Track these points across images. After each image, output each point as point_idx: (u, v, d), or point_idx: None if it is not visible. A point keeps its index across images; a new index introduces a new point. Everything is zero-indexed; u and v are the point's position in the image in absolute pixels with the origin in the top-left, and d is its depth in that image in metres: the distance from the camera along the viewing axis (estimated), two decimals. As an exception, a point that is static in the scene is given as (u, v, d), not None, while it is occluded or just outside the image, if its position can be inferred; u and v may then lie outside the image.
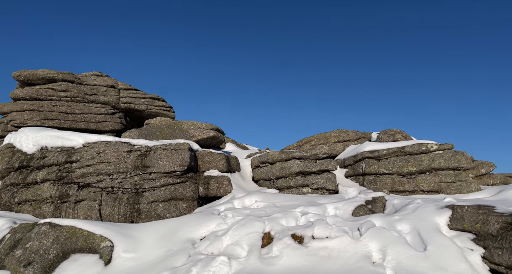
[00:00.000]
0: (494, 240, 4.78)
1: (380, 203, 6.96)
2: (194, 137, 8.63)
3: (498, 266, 4.66)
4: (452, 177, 8.20)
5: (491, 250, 4.75)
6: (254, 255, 5.07)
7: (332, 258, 4.96)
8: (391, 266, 4.71)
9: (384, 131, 10.29)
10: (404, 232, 5.49)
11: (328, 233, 5.41)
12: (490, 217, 4.98)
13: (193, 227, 5.92)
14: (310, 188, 8.08)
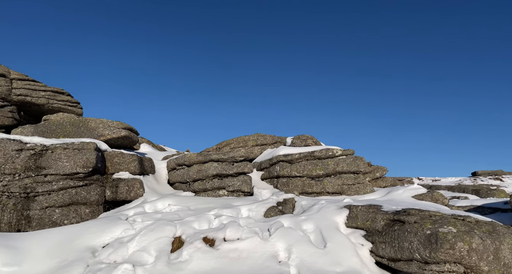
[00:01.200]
0: (379, 235, 5.47)
1: (290, 204, 7.39)
2: (103, 136, 7.93)
3: (382, 259, 5.35)
4: (352, 180, 9.17)
5: (377, 245, 5.43)
6: (162, 261, 4.86)
7: (242, 259, 5.06)
8: (295, 264, 5.01)
9: (297, 136, 11.01)
10: (309, 231, 5.92)
11: (239, 234, 5.51)
12: (377, 215, 5.70)
13: (95, 234, 5.41)
14: (227, 191, 8.14)
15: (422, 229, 4.90)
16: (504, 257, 4.57)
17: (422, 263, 4.79)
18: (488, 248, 4.53)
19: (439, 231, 4.69)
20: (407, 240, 4.98)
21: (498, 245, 4.60)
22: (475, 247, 4.49)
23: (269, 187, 9.44)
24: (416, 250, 4.83)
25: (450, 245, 4.50)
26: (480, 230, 4.75)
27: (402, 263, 5.04)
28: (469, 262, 4.46)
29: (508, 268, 4.53)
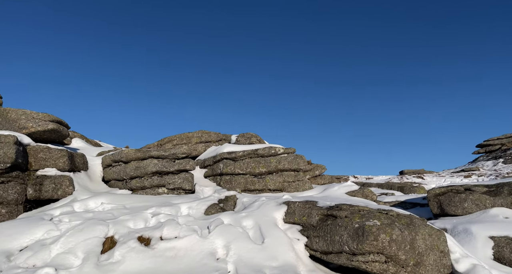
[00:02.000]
0: (314, 230, 5.75)
1: (232, 201, 7.41)
2: (26, 128, 7.12)
3: (315, 252, 5.62)
4: (293, 177, 9.50)
5: (312, 239, 5.69)
6: (90, 263, 4.54)
7: (178, 258, 4.94)
8: (233, 260, 5.04)
9: (242, 134, 11.08)
10: (248, 228, 5.99)
11: (177, 233, 5.37)
12: (313, 210, 5.98)
13: (11, 236, 4.85)
14: (167, 188, 7.88)
15: (351, 223, 5.26)
16: (419, 247, 5.09)
17: (350, 254, 5.14)
18: (406, 239, 5.01)
19: (366, 224, 5.07)
20: (338, 233, 5.30)
21: (414, 235, 5.12)
22: (395, 238, 4.94)
23: (212, 185, 9.36)
24: (346, 243, 5.16)
25: (374, 236, 4.90)
26: (400, 223, 5.24)
27: (333, 256, 5.36)
28: (389, 252, 4.90)
29: (421, 256, 5.07)
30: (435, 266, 5.08)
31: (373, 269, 4.96)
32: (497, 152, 32.34)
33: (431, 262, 5.08)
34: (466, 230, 6.92)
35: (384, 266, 4.94)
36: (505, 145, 32.18)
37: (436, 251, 5.19)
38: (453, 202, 8.19)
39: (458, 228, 7.14)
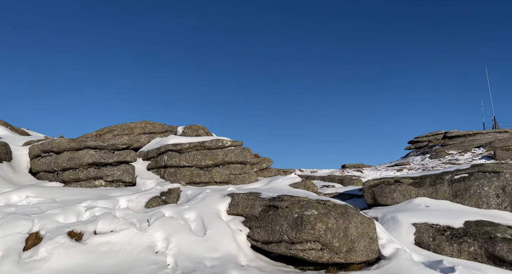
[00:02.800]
0: (256, 220, 5.86)
1: (175, 194, 7.23)
2: None
3: (257, 242, 5.74)
4: (239, 170, 9.57)
5: (254, 229, 5.80)
6: (9, 261, 4.11)
7: (113, 253, 4.70)
8: (173, 253, 4.94)
9: (189, 126, 10.84)
10: (191, 220, 5.90)
11: (113, 226, 5.10)
12: (256, 201, 6.08)
13: None
14: (104, 181, 7.42)
15: (291, 213, 5.45)
16: (351, 234, 5.46)
17: (289, 243, 5.34)
18: (340, 227, 5.34)
19: (304, 214, 5.29)
20: (279, 223, 5.46)
21: (348, 224, 5.47)
22: (330, 226, 5.23)
23: (155, 177, 9.04)
24: (285, 232, 5.35)
25: (311, 225, 5.14)
26: (335, 212, 5.56)
27: (273, 245, 5.52)
28: (325, 240, 5.18)
29: (353, 243, 5.44)
30: (364, 252, 5.49)
31: (309, 256, 5.21)
32: (425, 148, 35.90)
33: (362, 247, 5.48)
34: (394, 218, 7.58)
35: (320, 253, 5.22)
36: (431, 141, 35.83)
37: (366, 238, 5.60)
38: (384, 193, 8.91)
39: (387, 216, 7.80)
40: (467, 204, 7.78)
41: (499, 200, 7.45)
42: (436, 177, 8.67)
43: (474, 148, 31.80)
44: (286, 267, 5.61)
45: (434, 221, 7.14)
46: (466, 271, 5.02)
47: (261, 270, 4.82)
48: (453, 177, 8.35)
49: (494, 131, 32.54)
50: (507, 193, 7.39)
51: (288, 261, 5.85)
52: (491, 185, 7.61)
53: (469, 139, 32.68)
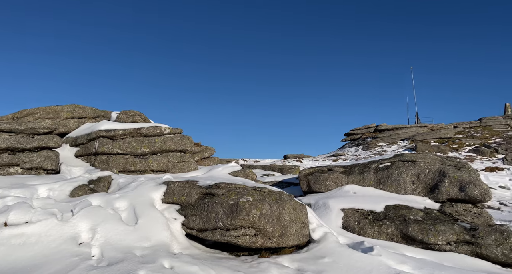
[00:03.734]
0: (192, 208, 5.79)
1: (105, 182, 6.80)
2: None
3: (192, 230, 5.68)
4: (178, 158, 9.32)
5: (189, 217, 5.72)
6: None
7: (28, 245, 4.27)
8: (99, 243, 4.65)
9: (124, 111, 10.21)
10: (121, 209, 5.61)
11: (28, 217, 4.62)
12: (192, 189, 5.99)
13: None
14: (21, 168, 6.67)
15: (227, 200, 5.48)
16: (284, 219, 5.68)
17: (224, 230, 5.38)
18: (274, 213, 5.52)
19: (240, 201, 5.36)
20: (215, 210, 5.46)
21: (281, 210, 5.68)
22: (264, 212, 5.38)
23: (84, 165, 8.39)
24: (221, 219, 5.37)
25: (246, 212, 5.23)
26: (270, 199, 5.73)
27: (208, 232, 5.51)
28: (259, 225, 5.32)
29: (286, 228, 5.67)
30: (296, 236, 5.76)
31: (243, 242, 5.31)
32: (358, 140, 38.76)
33: (294, 232, 5.74)
34: (325, 204, 8.08)
35: (253, 238, 5.35)
36: (364, 134, 38.79)
37: (298, 223, 5.88)
38: (318, 180, 9.43)
39: (319, 202, 8.28)
40: (388, 190, 8.59)
41: (414, 186, 8.35)
42: (364, 166, 9.41)
43: (400, 140, 35.22)
44: (221, 253, 5.66)
45: (359, 206, 7.76)
46: (383, 250, 5.55)
47: (194, 257, 4.79)
48: (378, 166, 9.13)
49: (416, 126, 36.37)
50: (421, 180, 8.32)
51: (223, 247, 5.91)
52: (408, 173, 8.49)
53: (396, 132, 36.08)
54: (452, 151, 29.43)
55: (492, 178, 19.69)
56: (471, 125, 35.07)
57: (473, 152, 27.63)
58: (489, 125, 33.90)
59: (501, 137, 30.14)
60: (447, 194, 7.78)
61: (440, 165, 8.37)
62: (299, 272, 4.75)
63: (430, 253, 6.32)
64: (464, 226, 6.58)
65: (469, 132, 33.51)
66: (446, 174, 7.97)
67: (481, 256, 6.11)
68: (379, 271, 4.87)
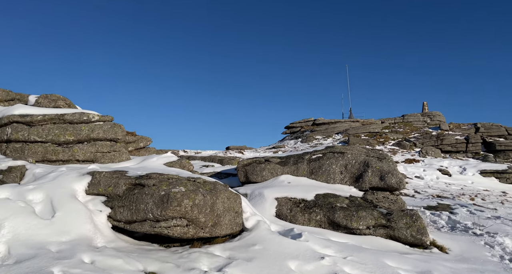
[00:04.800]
0: (120, 200, 5.47)
1: (18, 173, 6.07)
2: None
3: (119, 222, 5.38)
4: (108, 147, 8.71)
5: (116, 209, 5.40)
6: None
7: None
8: (6, 240, 4.15)
9: (45, 95, 9.18)
10: (36, 201, 5.07)
11: None
12: (120, 180, 5.65)
13: None
14: None
15: (158, 191, 5.28)
16: (218, 209, 5.67)
17: (154, 221, 5.18)
18: (207, 203, 5.47)
19: (171, 191, 5.20)
20: (144, 202, 5.23)
21: (215, 199, 5.66)
22: (197, 203, 5.30)
23: (-7, 154, 7.38)
24: (150, 211, 5.16)
25: (177, 202, 5.09)
26: (204, 189, 5.66)
27: (137, 224, 5.27)
28: (191, 216, 5.23)
29: (219, 217, 5.67)
30: (229, 225, 5.80)
31: (174, 233, 5.18)
32: (297, 133, 40.40)
33: (227, 222, 5.76)
34: (260, 194, 8.27)
35: (185, 229, 5.25)
36: (303, 127, 40.53)
37: (232, 212, 5.93)
38: (256, 171, 9.61)
39: (255, 192, 8.45)
40: (320, 180, 9.11)
41: (342, 176, 8.97)
42: (298, 157, 9.82)
43: (335, 134, 37.58)
44: (150, 245, 5.46)
45: (292, 195, 8.10)
46: (310, 236, 5.88)
47: (119, 250, 4.54)
48: (311, 157, 9.61)
49: (350, 121, 39.11)
50: (348, 170, 8.96)
51: (153, 239, 5.71)
52: (337, 163, 9.08)
53: (332, 126, 38.39)
54: (379, 144, 32.33)
55: (410, 169, 22.12)
56: (395, 121, 38.83)
57: (396, 145, 30.71)
58: (410, 122, 37.90)
59: (419, 132, 33.93)
60: (369, 183, 8.51)
61: (365, 156, 9.10)
62: (230, 260, 4.79)
63: (352, 237, 6.87)
64: (382, 211, 7.27)
65: (393, 127, 37.06)
66: (369, 164, 8.69)
67: (394, 238, 6.82)
68: (305, 255, 5.14)
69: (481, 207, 11.60)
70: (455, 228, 8.31)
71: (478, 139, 28.81)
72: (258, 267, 4.63)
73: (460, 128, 34.04)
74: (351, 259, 5.26)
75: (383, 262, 5.29)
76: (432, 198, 13.73)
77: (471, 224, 8.42)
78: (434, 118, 37.78)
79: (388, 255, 5.69)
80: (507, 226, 8.31)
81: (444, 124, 35.07)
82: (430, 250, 6.44)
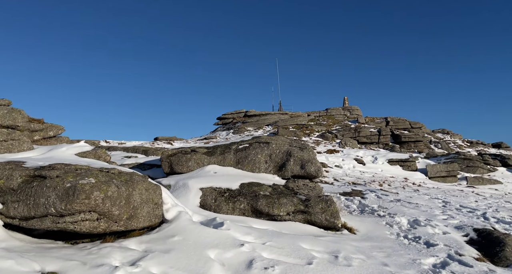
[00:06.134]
0: (14, 194, 4.77)
1: None
2: None
3: (13, 220, 4.71)
4: (5, 135, 7.55)
5: (9, 204, 4.70)
6: None
7: None
8: None
9: None
10: None
11: None
12: (15, 172, 4.93)
13: None
14: None
15: (62, 183, 4.74)
16: (134, 201, 5.34)
17: (57, 216, 4.65)
18: (122, 195, 5.10)
19: (79, 183, 4.71)
20: (45, 195, 4.64)
21: (131, 191, 5.31)
22: (110, 195, 4.90)
23: None
24: (53, 205, 4.61)
25: (86, 195, 4.64)
26: (119, 180, 5.26)
27: (36, 221, 4.67)
28: (102, 209, 4.82)
29: (136, 210, 5.35)
30: (147, 217, 5.52)
31: (82, 228, 4.73)
32: (230, 124, 40.53)
33: (145, 214, 5.47)
34: (185, 184, 8.06)
35: (95, 223, 4.83)
36: (235, 119, 40.80)
37: (151, 204, 5.64)
38: (181, 161, 9.32)
39: (179, 183, 8.21)
40: (245, 169, 9.24)
41: (267, 165, 9.24)
42: (226, 147, 9.81)
43: (265, 126, 38.66)
44: (53, 243, 4.91)
45: (218, 185, 8.07)
46: (232, 224, 5.93)
47: (11, 250, 3.97)
48: (238, 147, 9.68)
49: (279, 113, 40.60)
50: (272, 159, 9.26)
51: (58, 237, 5.14)
52: (263, 153, 9.31)
53: (263, 118, 39.39)
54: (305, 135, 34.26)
55: (331, 159, 23.92)
56: (320, 114, 41.55)
57: (320, 137, 32.90)
58: (333, 115, 40.92)
59: (340, 125, 36.88)
60: (291, 171, 8.92)
61: (288, 146, 9.50)
62: (146, 253, 4.56)
63: (274, 223, 7.13)
64: (301, 198, 7.69)
65: (318, 120, 39.59)
66: (292, 154, 9.10)
67: (311, 223, 7.28)
68: (225, 244, 5.16)
69: (386, 191, 13.11)
70: (364, 211, 9.23)
71: (388, 131, 32.47)
72: (175, 258, 4.50)
73: (374, 122, 37.92)
74: (270, 244, 5.45)
75: (299, 245, 5.59)
76: (348, 185, 15.07)
77: (377, 207, 9.45)
78: (353, 112, 41.37)
79: (304, 238, 6.04)
80: (404, 207, 9.53)
81: (361, 118, 38.67)
82: (341, 232, 7.03)
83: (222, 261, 4.77)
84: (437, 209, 9.75)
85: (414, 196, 12.44)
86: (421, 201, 11.21)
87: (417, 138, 31.61)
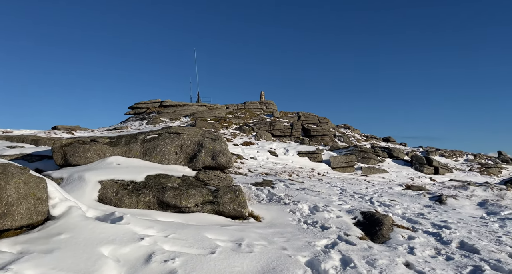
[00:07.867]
0: None
1: None
2: None
3: None
4: None
5: None
6: None
7: None
8: None
9: None
10: None
11: None
12: None
13: None
14: None
15: None
16: (9, 196, 4.57)
17: None
18: (-10, 189, 4.31)
19: None
20: None
21: (4, 185, 4.53)
22: (-28, 190, 4.09)
23: None
24: None
25: None
26: (-13, 172, 4.43)
27: None
28: (-39, 207, 3.99)
29: (11, 206, 4.59)
30: (27, 215, 4.79)
31: None
32: (143, 114, 38.15)
33: (23, 211, 4.74)
34: (81, 177, 7.26)
35: (-49, 225, 3.97)
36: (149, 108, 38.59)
37: (32, 199, 4.91)
38: (78, 152, 8.36)
39: (74, 176, 7.36)
40: (154, 161, 8.78)
41: (177, 156, 8.94)
42: (132, 137, 9.15)
43: (182, 117, 37.54)
44: None
45: (120, 177, 7.48)
46: (132, 218, 5.55)
47: None
48: (146, 137, 9.12)
49: (197, 104, 39.85)
50: (183, 150, 8.99)
51: None
52: (173, 144, 8.96)
53: (180, 109, 38.13)
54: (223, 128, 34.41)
55: (247, 151, 24.54)
56: (238, 107, 42.18)
57: (237, 129, 33.44)
58: (250, 108, 41.97)
59: (257, 118, 38.07)
60: (203, 163, 8.81)
61: (200, 137, 9.34)
62: (21, 256, 3.94)
63: (181, 215, 6.94)
64: (210, 189, 7.65)
65: (236, 113, 40.14)
66: (203, 145, 8.97)
67: (219, 213, 7.31)
68: (123, 238, 4.81)
69: (294, 181, 14.02)
70: (272, 200, 9.69)
71: (299, 125, 34.80)
72: (59, 259, 4.00)
73: (288, 116, 40.19)
74: (173, 236, 5.28)
75: (203, 236, 5.54)
76: (260, 176, 15.66)
77: (284, 195, 10.02)
78: (269, 106, 43.12)
79: (210, 228, 6.02)
80: (307, 195, 10.32)
81: (276, 112, 40.55)
82: (248, 220, 7.24)
83: (117, 257, 4.43)
84: (334, 196, 10.81)
85: (317, 185, 13.58)
86: (323, 189, 12.30)
87: (324, 132, 34.67)
